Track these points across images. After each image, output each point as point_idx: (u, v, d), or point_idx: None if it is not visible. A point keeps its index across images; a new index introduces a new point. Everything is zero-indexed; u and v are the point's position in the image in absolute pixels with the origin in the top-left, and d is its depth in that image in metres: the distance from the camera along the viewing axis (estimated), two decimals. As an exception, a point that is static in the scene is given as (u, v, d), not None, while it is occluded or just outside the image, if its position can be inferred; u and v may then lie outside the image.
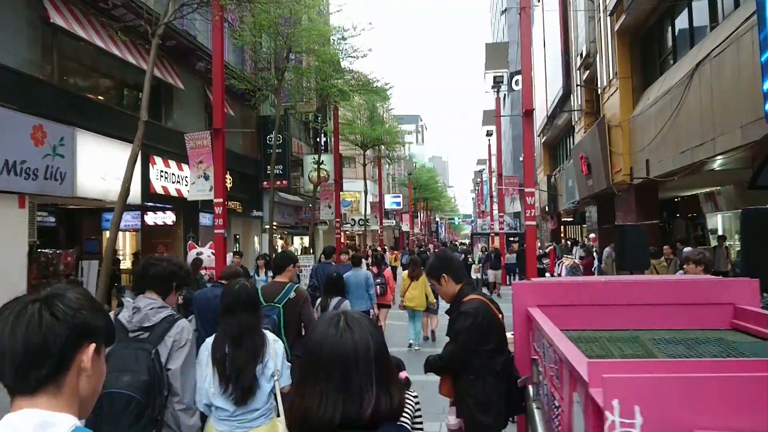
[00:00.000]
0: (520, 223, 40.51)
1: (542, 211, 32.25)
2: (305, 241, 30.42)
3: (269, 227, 16.41)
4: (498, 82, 24.37)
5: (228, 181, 17.86)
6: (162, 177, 15.06)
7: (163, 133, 15.49)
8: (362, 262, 9.76)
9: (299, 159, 27.15)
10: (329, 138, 27.82)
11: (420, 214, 64.49)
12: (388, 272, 11.64)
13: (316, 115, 25.35)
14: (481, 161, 74.34)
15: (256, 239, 24.61)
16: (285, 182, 22.83)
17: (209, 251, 10.28)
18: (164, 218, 16.29)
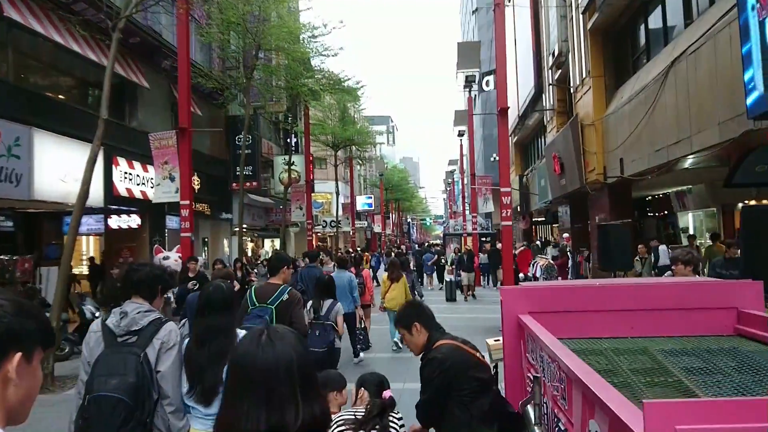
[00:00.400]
0: (491, 223, 40.59)
1: (514, 211, 32.27)
2: (276, 244, 29.94)
3: (239, 230, 16.04)
4: (470, 81, 24.24)
5: (196, 182, 17.41)
6: (126, 179, 14.53)
7: (127, 133, 14.96)
8: (347, 263, 9.89)
9: (269, 160, 26.73)
10: (300, 138, 27.43)
11: (392, 215, 64.33)
12: (366, 273, 11.80)
13: (286, 115, 24.98)
14: (453, 161, 74.59)
15: (226, 242, 24.11)
16: (255, 183, 22.38)
17: (176, 255, 9.91)
18: (129, 221, 15.70)
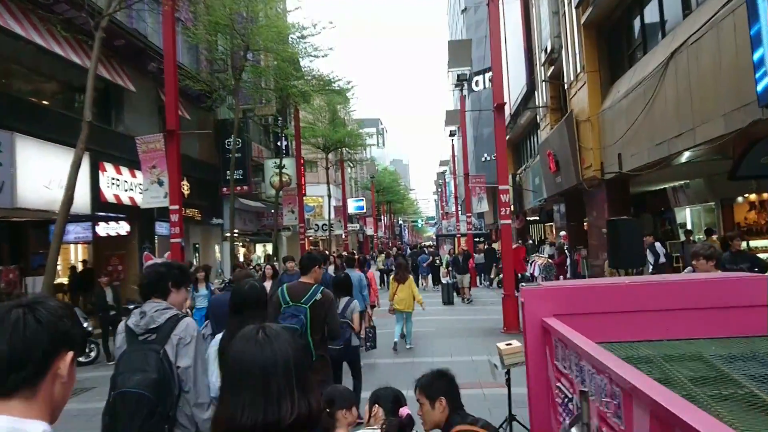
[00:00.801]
0: (484, 223, 40.38)
1: (508, 210, 31.99)
2: (268, 248, 29.55)
3: (230, 235, 15.71)
4: (462, 79, 24.02)
5: (185, 187, 17.04)
6: (113, 185, 14.14)
7: (114, 138, 14.58)
8: (354, 263, 10.23)
9: (260, 163, 26.35)
10: (290, 141, 27.09)
11: (383, 217, 64.01)
12: (371, 274, 12.00)
13: (276, 117, 24.63)
14: (444, 162, 74.35)
15: (217, 248, 23.72)
16: (246, 188, 22.00)
17: (166, 262, 9.56)
18: (117, 228, 15.29)
